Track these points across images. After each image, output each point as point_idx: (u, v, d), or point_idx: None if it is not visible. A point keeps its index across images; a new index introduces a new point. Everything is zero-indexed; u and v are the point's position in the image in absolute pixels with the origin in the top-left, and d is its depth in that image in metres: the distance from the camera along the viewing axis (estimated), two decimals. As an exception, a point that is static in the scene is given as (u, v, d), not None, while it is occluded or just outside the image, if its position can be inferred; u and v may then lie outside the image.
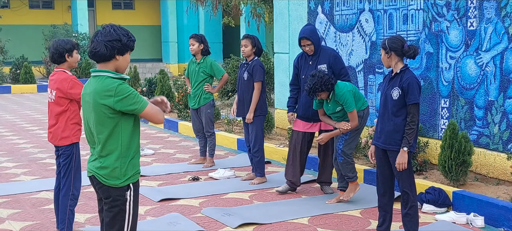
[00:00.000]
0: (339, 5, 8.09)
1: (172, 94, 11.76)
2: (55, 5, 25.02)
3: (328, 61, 6.11)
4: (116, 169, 3.28)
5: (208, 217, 5.56)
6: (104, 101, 3.19)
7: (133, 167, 3.33)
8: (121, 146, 3.27)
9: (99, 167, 3.30)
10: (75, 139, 4.86)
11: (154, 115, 3.30)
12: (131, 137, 3.30)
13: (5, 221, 5.48)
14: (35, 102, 15.53)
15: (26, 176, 7.32)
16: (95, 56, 3.26)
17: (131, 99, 3.21)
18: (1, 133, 10.59)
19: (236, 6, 13.85)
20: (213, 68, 7.54)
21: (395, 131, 4.61)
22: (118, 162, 3.27)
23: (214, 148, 7.73)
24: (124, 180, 3.31)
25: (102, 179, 3.29)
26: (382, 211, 4.87)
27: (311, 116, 6.21)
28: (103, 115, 3.22)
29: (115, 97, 3.18)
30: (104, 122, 3.23)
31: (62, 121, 4.82)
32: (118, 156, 3.27)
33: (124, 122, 3.26)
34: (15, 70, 19.10)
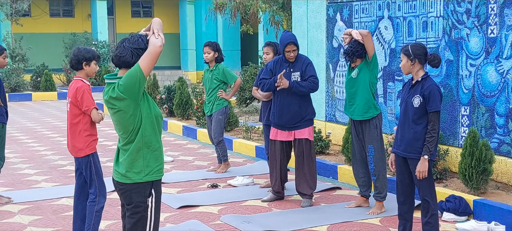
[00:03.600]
0: (358, 12, 8.08)
1: (191, 102, 11.82)
2: (75, 14, 25.30)
3: (301, 68, 6.10)
4: (138, 161, 3.29)
5: (227, 224, 5.57)
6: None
7: (155, 160, 3.34)
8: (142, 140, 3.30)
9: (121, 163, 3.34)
10: (89, 150, 4.85)
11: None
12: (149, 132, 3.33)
13: (27, 228, 5.55)
14: (56, 110, 15.70)
15: (47, 182, 7.39)
16: (119, 61, 3.28)
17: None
18: (22, 140, 10.72)
19: (255, 13, 13.89)
20: (226, 75, 7.58)
21: (415, 139, 4.59)
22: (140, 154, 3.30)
23: (225, 153, 7.75)
24: (146, 174, 3.31)
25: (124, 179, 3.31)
26: (402, 220, 4.84)
27: (285, 123, 6.15)
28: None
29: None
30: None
31: (75, 133, 4.84)
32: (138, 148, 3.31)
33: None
34: (36, 78, 19.31)
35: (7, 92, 17.76)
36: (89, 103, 4.76)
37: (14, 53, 18.91)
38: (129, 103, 3.23)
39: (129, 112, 3.25)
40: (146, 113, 3.30)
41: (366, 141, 5.85)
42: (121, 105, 3.23)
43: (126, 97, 3.21)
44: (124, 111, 3.25)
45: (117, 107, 3.25)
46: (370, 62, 5.79)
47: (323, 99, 8.75)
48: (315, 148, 8.09)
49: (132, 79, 3.20)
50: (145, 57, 3.20)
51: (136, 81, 3.20)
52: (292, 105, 6.09)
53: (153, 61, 3.21)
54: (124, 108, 3.24)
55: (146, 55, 3.20)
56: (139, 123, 3.27)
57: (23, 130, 12.04)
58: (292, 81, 5.99)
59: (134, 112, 3.26)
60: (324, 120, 8.75)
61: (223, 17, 15.65)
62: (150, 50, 3.20)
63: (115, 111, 3.27)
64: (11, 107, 15.77)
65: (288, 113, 6.11)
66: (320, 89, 8.78)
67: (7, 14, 19.19)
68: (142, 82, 3.21)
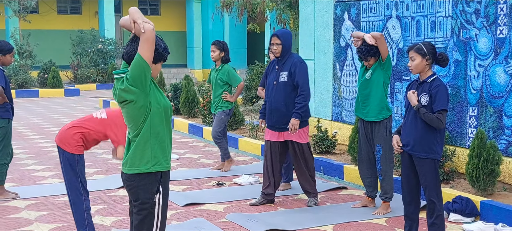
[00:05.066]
0: (365, 11, 8.05)
1: (197, 100, 11.82)
2: (82, 11, 25.36)
3: (290, 68, 5.95)
4: (146, 152, 3.30)
5: (233, 222, 5.57)
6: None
7: (163, 151, 3.35)
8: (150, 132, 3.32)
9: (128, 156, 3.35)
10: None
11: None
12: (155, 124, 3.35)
13: (33, 223, 5.56)
14: (62, 106, 15.74)
15: (53, 178, 7.41)
16: (130, 59, 3.29)
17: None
18: (29, 136, 10.75)
19: (262, 12, 13.87)
20: (230, 76, 7.57)
21: (423, 138, 4.56)
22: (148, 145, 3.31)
23: (226, 151, 7.74)
24: (153, 165, 3.32)
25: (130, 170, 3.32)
26: (408, 220, 4.82)
27: (274, 124, 6.07)
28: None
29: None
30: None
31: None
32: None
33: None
34: (43, 75, 19.37)
35: (14, 88, 17.86)
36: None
37: (22, 49, 18.97)
38: (139, 94, 3.24)
39: (140, 103, 3.26)
40: (155, 104, 3.30)
41: (375, 141, 5.83)
42: (131, 97, 3.24)
43: (134, 88, 3.22)
44: (134, 102, 3.26)
45: (127, 100, 3.26)
46: (384, 63, 5.74)
47: (329, 99, 8.73)
48: (321, 147, 8.09)
49: (136, 69, 3.20)
50: (143, 45, 3.20)
51: (141, 71, 3.20)
52: (279, 106, 5.99)
53: (152, 46, 3.22)
54: (134, 99, 3.25)
55: (143, 43, 3.20)
56: (148, 113, 3.28)
57: (30, 126, 12.07)
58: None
59: (144, 103, 3.27)
60: (331, 119, 8.73)
61: (230, 15, 15.65)
62: (146, 37, 3.19)
63: (126, 104, 3.28)
64: (18, 103, 15.86)
65: (276, 114, 6.03)
66: (327, 88, 8.76)
67: (15, 11, 19.25)
68: (148, 71, 3.22)
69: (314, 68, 9.02)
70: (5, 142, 6.34)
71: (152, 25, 3.21)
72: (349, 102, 8.36)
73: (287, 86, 5.97)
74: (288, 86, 5.97)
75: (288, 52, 6.07)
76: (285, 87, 5.98)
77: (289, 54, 6.06)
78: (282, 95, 5.96)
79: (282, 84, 5.97)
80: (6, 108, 6.31)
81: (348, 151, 7.42)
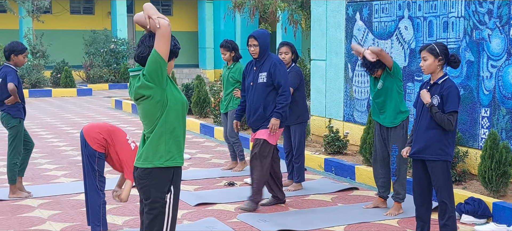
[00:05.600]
0: (377, 12, 8.03)
1: (208, 100, 11.85)
2: (95, 11, 25.50)
3: (269, 69, 5.92)
4: (160, 146, 3.32)
5: (244, 222, 5.58)
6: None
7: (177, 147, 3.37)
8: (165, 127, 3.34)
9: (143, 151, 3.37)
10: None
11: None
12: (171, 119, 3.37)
13: (46, 222, 5.61)
14: (75, 106, 15.84)
15: (66, 178, 7.46)
16: (142, 60, 3.31)
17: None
18: (42, 135, 10.83)
19: (273, 12, 13.87)
20: (241, 74, 7.58)
21: (434, 141, 4.55)
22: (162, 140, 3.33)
23: (242, 153, 7.77)
24: (167, 160, 3.33)
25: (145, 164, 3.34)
26: (420, 221, 4.81)
27: (252, 125, 6.03)
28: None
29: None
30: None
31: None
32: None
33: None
34: (56, 74, 19.50)
35: (27, 88, 18.00)
36: None
37: (35, 49, 19.11)
38: (155, 89, 3.26)
39: (156, 98, 3.28)
40: (171, 99, 3.33)
41: (390, 141, 5.81)
42: (148, 93, 3.27)
43: (152, 84, 3.24)
44: (152, 98, 3.28)
45: (144, 96, 3.28)
46: (392, 71, 5.72)
47: (341, 99, 8.72)
48: (333, 148, 8.08)
49: (153, 65, 3.22)
50: (158, 40, 3.21)
51: (158, 66, 3.22)
52: (258, 107, 5.94)
53: (167, 42, 3.23)
54: (151, 95, 3.27)
55: (159, 38, 3.21)
56: (164, 108, 3.30)
57: (43, 125, 12.16)
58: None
59: (161, 98, 3.29)
60: (342, 119, 8.71)
61: (241, 15, 15.66)
62: (162, 32, 3.21)
63: (143, 100, 3.30)
64: (31, 103, 15.99)
65: (254, 114, 5.99)
66: (338, 89, 8.74)
67: (29, 11, 19.39)
68: (164, 66, 3.23)
69: (326, 68, 9.00)
70: (17, 141, 6.40)
71: (167, 20, 3.23)
72: (361, 103, 8.34)
73: (266, 87, 5.94)
74: (267, 87, 5.94)
75: (266, 53, 6.07)
76: (264, 88, 5.95)
77: (267, 55, 6.06)
78: (261, 96, 5.93)
79: (261, 85, 5.94)
80: (18, 107, 6.37)
81: (360, 152, 7.40)
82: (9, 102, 6.31)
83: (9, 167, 6.38)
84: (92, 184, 4.92)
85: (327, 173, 7.76)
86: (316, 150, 8.45)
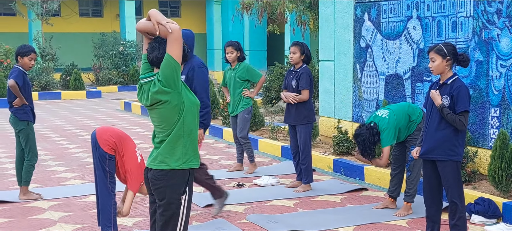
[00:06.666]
0: (386, 12, 8.02)
1: (217, 101, 11.87)
2: (104, 13, 25.61)
3: (187, 72, 5.49)
4: (177, 149, 3.34)
5: (253, 223, 5.59)
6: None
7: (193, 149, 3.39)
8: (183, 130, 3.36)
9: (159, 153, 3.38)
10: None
11: None
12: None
13: (56, 224, 5.64)
14: (85, 108, 15.91)
15: (76, 180, 7.50)
16: (158, 62, 3.32)
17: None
18: (52, 138, 10.89)
19: (281, 13, 13.88)
20: (250, 73, 7.60)
21: (444, 141, 4.54)
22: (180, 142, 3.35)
23: (252, 154, 7.77)
24: (184, 162, 3.35)
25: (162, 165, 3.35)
26: (430, 222, 4.80)
27: None
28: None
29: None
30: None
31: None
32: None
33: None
34: (65, 77, 19.58)
35: (37, 90, 18.08)
36: None
37: (44, 52, 19.21)
38: (173, 94, 3.29)
39: (173, 102, 3.31)
40: (187, 102, 3.35)
41: (408, 143, 5.81)
42: (165, 98, 3.29)
43: (168, 88, 3.27)
44: (169, 102, 3.31)
45: (161, 101, 3.30)
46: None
47: (350, 100, 8.71)
48: (342, 149, 8.07)
49: (168, 69, 3.25)
50: (172, 45, 3.24)
51: (173, 71, 3.25)
52: None
53: (181, 45, 3.28)
54: (168, 100, 3.30)
55: (172, 43, 3.25)
56: (182, 111, 3.32)
57: (53, 128, 12.22)
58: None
59: (178, 102, 3.32)
60: (351, 120, 8.70)
61: (249, 17, 15.68)
62: (175, 36, 3.24)
63: (159, 105, 3.32)
64: (41, 105, 16.07)
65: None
66: (347, 89, 8.73)
67: (38, 14, 19.50)
68: (178, 70, 3.27)
69: (334, 69, 9.00)
70: (30, 143, 6.45)
71: (177, 24, 3.25)
72: (370, 104, 8.33)
73: None
74: None
75: (188, 55, 5.68)
76: None
77: (189, 57, 5.61)
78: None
79: None
80: (24, 110, 6.40)
81: (369, 152, 7.38)
82: (16, 104, 6.36)
83: (26, 168, 6.43)
84: (103, 186, 4.95)
85: (336, 173, 7.75)
86: (325, 151, 8.45)
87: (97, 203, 5.06)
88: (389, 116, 5.66)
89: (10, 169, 8.05)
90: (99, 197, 5.01)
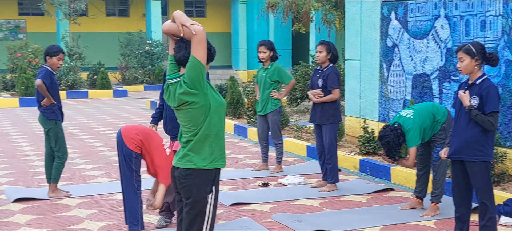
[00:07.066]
0: (413, 11, 7.94)
1: (242, 101, 11.89)
2: (130, 13, 25.83)
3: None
4: (204, 148, 3.36)
5: (279, 222, 5.58)
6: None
7: (220, 148, 3.41)
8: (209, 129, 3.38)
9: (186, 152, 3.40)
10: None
11: None
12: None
13: (84, 221, 5.71)
14: (111, 107, 16.07)
15: (103, 178, 7.58)
16: (186, 61, 3.34)
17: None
18: (79, 136, 11.02)
19: (307, 12, 13.84)
20: (280, 74, 7.59)
21: (473, 141, 4.48)
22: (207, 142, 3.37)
23: (281, 155, 7.77)
24: (210, 162, 3.37)
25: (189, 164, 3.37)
26: (459, 222, 4.74)
27: (169, 132, 5.46)
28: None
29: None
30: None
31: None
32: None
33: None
34: (92, 76, 19.81)
35: (64, 89, 18.32)
36: None
37: (72, 51, 19.45)
38: (200, 95, 3.31)
39: (200, 103, 3.33)
40: (214, 102, 3.37)
41: (433, 141, 5.75)
42: (191, 99, 3.32)
43: (194, 90, 3.29)
44: (195, 103, 3.33)
45: (188, 102, 3.33)
46: None
47: (376, 99, 8.65)
48: (368, 149, 8.02)
49: (193, 71, 3.27)
50: (197, 46, 3.27)
51: (198, 72, 3.28)
52: (174, 114, 5.18)
53: (205, 47, 3.30)
54: (194, 101, 3.32)
55: (197, 44, 3.27)
56: (208, 112, 3.34)
57: (80, 126, 12.38)
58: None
59: (204, 102, 3.34)
60: (378, 120, 8.64)
61: (275, 16, 15.67)
62: (199, 38, 3.27)
63: (186, 106, 3.35)
64: (68, 104, 16.27)
65: (171, 122, 5.39)
66: (373, 88, 8.67)
67: (66, 14, 19.76)
68: (204, 71, 3.29)
69: (361, 68, 8.94)
70: (59, 142, 6.54)
71: (201, 26, 3.27)
72: (396, 103, 8.26)
73: None
74: None
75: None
76: None
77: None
78: None
79: None
80: (52, 109, 6.48)
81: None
82: (44, 104, 6.44)
83: (56, 166, 6.53)
84: (130, 184, 4.99)
85: (362, 174, 7.70)
86: (350, 151, 8.40)
87: (124, 201, 5.10)
88: (414, 116, 5.60)
89: (39, 166, 8.17)
90: (125, 195, 5.06)
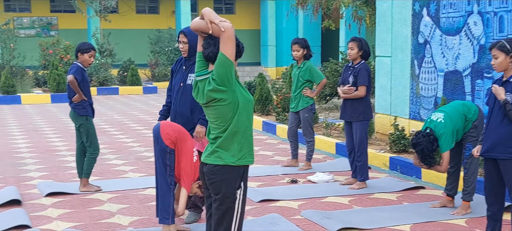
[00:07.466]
0: (445, 7, 7.83)
1: (271, 97, 11.88)
2: (160, 10, 26.04)
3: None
4: (233, 145, 3.37)
5: (308, 219, 5.57)
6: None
7: (248, 145, 3.42)
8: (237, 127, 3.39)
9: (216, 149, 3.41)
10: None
11: None
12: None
13: (115, 215, 5.78)
14: (141, 104, 16.23)
15: (133, 173, 7.66)
16: (214, 57, 3.36)
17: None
18: (110, 132, 11.16)
19: (337, 9, 13.76)
20: (312, 74, 7.56)
21: (507, 138, 4.40)
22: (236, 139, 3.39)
23: (312, 153, 7.75)
24: (239, 158, 3.38)
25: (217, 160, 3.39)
26: (491, 221, 4.67)
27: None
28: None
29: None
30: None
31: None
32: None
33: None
34: (123, 73, 20.03)
35: (95, 86, 18.57)
36: None
37: (103, 48, 19.70)
38: (227, 92, 3.33)
39: (229, 100, 3.34)
40: (242, 99, 3.38)
41: (464, 139, 5.67)
42: (220, 96, 3.33)
43: (222, 87, 3.31)
44: (224, 100, 3.34)
45: (216, 99, 3.34)
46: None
47: (407, 97, 8.55)
48: (398, 146, 7.93)
49: (222, 68, 3.28)
50: (225, 43, 3.28)
51: (226, 69, 3.29)
52: (184, 110, 5.32)
53: (234, 44, 3.31)
54: (223, 97, 3.33)
55: (225, 41, 3.28)
56: (236, 108, 3.35)
57: (111, 122, 12.53)
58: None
59: (233, 99, 3.35)
60: (408, 117, 8.54)
61: (304, 12, 15.62)
62: (228, 35, 3.28)
63: (215, 103, 3.36)
64: (99, 100, 16.49)
65: (180, 118, 5.34)
66: (404, 86, 8.58)
67: (96, 11, 20.02)
68: (232, 68, 3.31)
69: (391, 65, 8.85)
70: (91, 137, 6.62)
71: (229, 23, 3.28)
72: (428, 101, 8.16)
73: None
74: None
75: (196, 50, 5.46)
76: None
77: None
78: (188, 99, 5.26)
79: (190, 87, 5.25)
80: (83, 105, 6.56)
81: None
82: (75, 100, 6.52)
83: (88, 161, 6.61)
84: (163, 179, 5.03)
85: (392, 171, 7.63)
86: (381, 148, 8.33)
87: (157, 195, 5.15)
88: (445, 119, 5.52)
89: (71, 161, 8.30)
90: (158, 189, 5.11)
